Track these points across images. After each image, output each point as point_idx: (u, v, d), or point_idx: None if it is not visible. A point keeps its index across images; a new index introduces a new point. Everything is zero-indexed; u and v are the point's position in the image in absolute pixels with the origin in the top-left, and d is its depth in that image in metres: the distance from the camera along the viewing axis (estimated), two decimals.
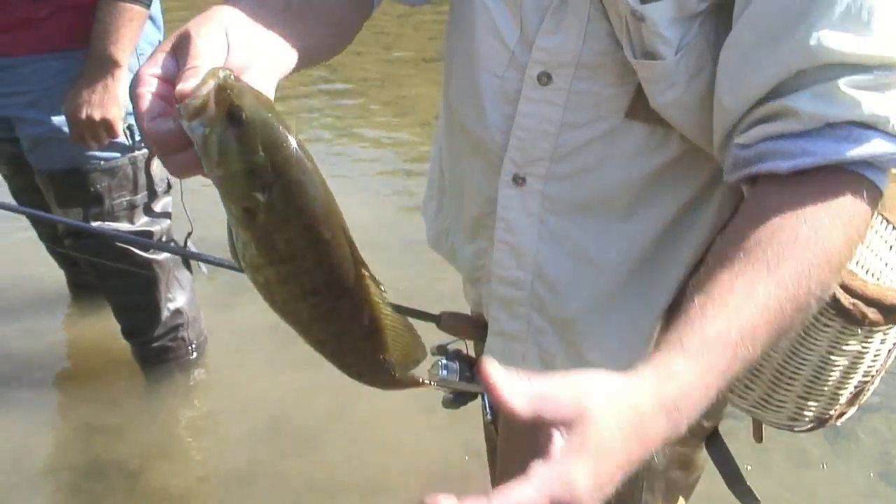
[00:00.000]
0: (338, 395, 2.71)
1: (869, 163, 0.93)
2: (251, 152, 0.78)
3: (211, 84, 0.76)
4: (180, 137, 0.79)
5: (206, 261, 1.76)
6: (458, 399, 1.42)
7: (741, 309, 0.85)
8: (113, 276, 2.58)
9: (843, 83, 0.91)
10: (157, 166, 2.52)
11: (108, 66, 2.23)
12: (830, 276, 0.91)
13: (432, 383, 1.31)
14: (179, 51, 0.83)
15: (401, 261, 3.43)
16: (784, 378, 1.15)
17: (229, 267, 1.60)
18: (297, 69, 0.98)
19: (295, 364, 2.67)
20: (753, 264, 0.88)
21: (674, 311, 1.19)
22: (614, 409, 0.73)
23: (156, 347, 2.79)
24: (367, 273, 0.88)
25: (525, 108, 1.13)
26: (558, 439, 0.70)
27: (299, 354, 1.05)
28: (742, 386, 1.15)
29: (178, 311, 2.76)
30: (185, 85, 0.78)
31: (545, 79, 1.10)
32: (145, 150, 2.48)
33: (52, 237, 2.78)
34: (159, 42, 2.49)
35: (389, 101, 5.10)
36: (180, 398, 2.82)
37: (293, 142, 0.79)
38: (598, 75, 1.08)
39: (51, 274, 3.15)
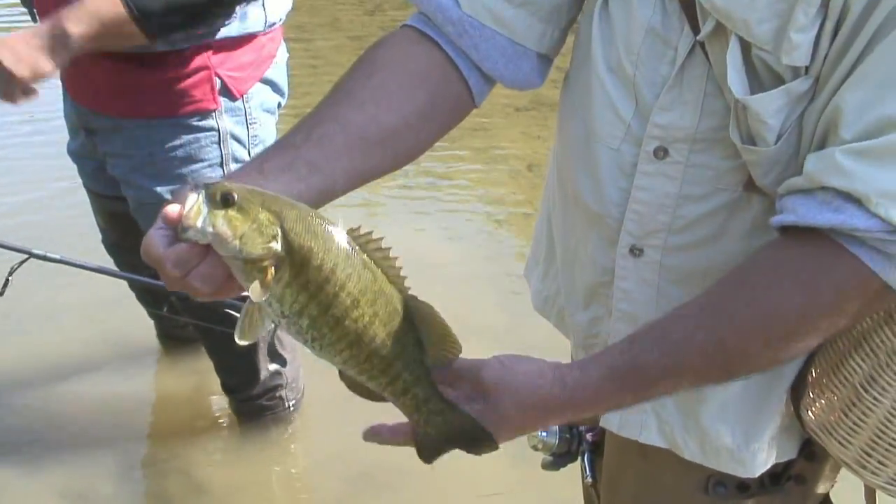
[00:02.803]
0: None
1: (864, 241, 0.91)
2: (254, 211, 0.90)
3: (194, 195, 0.90)
4: (195, 250, 0.92)
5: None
6: (557, 461, 1.43)
7: (655, 347, 1.00)
8: (214, 335, 2.58)
9: (841, 150, 0.91)
10: None
11: (56, 24, 2.01)
12: (771, 337, 0.98)
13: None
14: None
15: (489, 308, 3.37)
16: None
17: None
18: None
19: (386, 416, 2.65)
20: (691, 307, 1.01)
21: (799, 384, 1.17)
22: (519, 398, 1.02)
23: (254, 405, 2.81)
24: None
25: (642, 182, 1.12)
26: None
27: (391, 408, 1.12)
28: (876, 462, 1.11)
29: (277, 373, 2.78)
30: (172, 209, 0.92)
31: (662, 153, 1.08)
32: None
33: (150, 294, 2.79)
34: (279, 105, 2.51)
35: (481, 148, 5.08)
36: (270, 452, 2.84)
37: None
38: (715, 149, 1.06)
39: (139, 327, 3.15)
